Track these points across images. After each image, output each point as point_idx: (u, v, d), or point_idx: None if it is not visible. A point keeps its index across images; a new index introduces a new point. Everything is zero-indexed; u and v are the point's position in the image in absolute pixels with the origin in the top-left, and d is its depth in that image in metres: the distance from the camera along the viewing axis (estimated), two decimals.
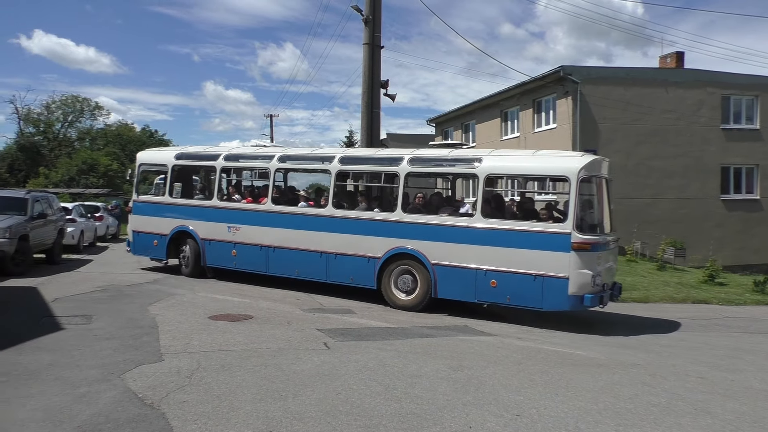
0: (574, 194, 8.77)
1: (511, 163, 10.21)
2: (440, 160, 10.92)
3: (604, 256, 9.19)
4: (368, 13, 16.10)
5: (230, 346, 6.69)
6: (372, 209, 10.88)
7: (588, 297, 8.61)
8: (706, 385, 5.90)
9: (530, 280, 8.94)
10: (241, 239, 11.96)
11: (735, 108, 24.28)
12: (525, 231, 9.18)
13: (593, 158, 9.44)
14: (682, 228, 22.71)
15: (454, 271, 9.66)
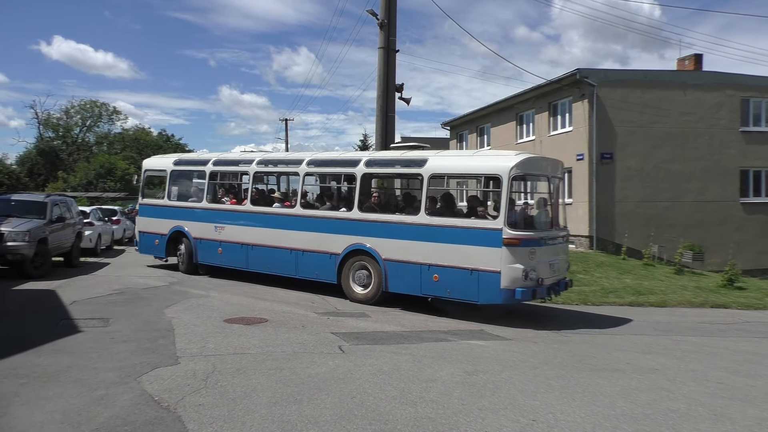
0: (505, 192, 9.18)
1: (452, 163, 10.77)
2: (392, 162, 11.40)
3: (542, 251, 9.49)
4: (383, 17, 16.14)
5: (245, 349, 6.71)
6: (338, 209, 11.44)
7: (519, 291, 9.00)
8: (725, 391, 5.81)
9: (467, 275, 9.38)
10: (226, 238, 12.93)
11: (755, 110, 23.97)
12: (462, 227, 9.65)
13: (527, 157, 9.77)
14: (700, 232, 22.44)
15: (402, 267, 10.22)
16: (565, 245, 10.78)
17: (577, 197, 22.46)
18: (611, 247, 21.41)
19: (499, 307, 10.14)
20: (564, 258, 10.61)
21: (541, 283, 9.33)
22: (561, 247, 10.47)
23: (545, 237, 9.77)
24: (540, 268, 9.34)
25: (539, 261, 9.35)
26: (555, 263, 9.97)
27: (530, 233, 9.52)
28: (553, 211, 10.50)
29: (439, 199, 10.45)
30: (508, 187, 9.21)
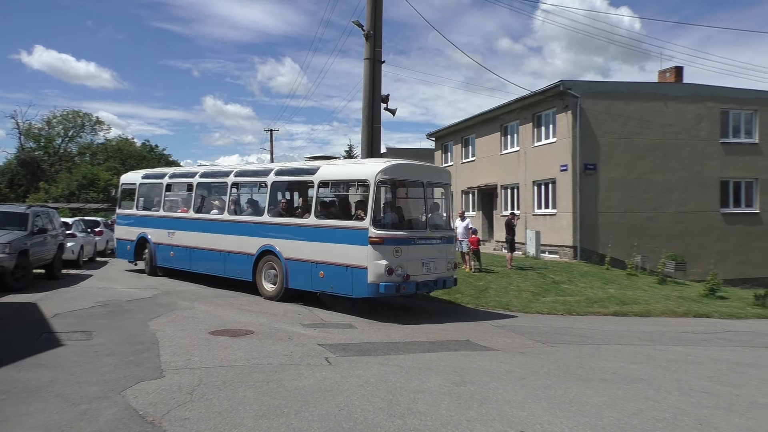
0: (372, 195, 10.13)
1: (337, 171, 11.72)
2: (295, 172, 12.64)
3: (412, 250, 10.40)
4: (369, 28, 16.21)
5: (231, 362, 6.65)
6: (262, 214, 12.50)
7: (383, 285, 9.95)
8: (710, 400, 5.86)
9: (343, 271, 10.42)
10: (176, 242, 14.54)
11: (734, 122, 24.40)
12: (340, 228, 10.70)
13: (395, 163, 10.82)
14: (682, 242, 22.72)
15: (298, 265, 11.33)
16: (447, 246, 11.48)
17: (561, 208, 22.64)
18: (595, 257, 21.58)
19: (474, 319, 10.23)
20: (444, 257, 11.31)
21: (407, 279, 10.20)
22: (439, 247, 11.17)
23: (415, 237, 10.63)
24: (408, 266, 10.27)
25: (407, 259, 10.28)
26: (430, 262, 10.83)
27: (395, 233, 10.35)
28: (428, 213, 11.25)
29: (328, 202, 11.58)
30: (375, 190, 10.16)
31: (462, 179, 31.33)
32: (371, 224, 10.08)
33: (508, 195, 27.03)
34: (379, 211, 10.51)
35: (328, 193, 11.70)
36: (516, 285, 14.82)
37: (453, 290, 13.89)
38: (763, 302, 14.34)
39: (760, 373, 7.36)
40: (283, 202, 12.65)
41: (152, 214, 15.64)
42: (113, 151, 64.66)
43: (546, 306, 12.79)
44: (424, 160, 39.53)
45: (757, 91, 24.63)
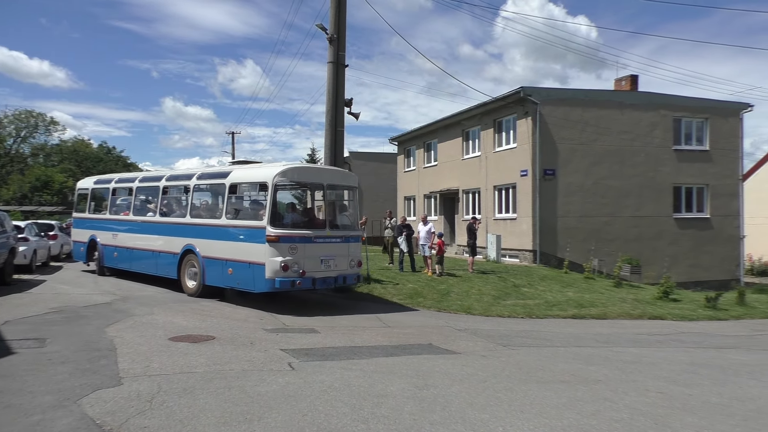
0: (270, 196, 10.93)
1: (243, 174, 12.31)
2: (212, 176, 13.27)
3: (309, 248, 11.17)
4: (333, 31, 16.19)
5: (192, 368, 6.54)
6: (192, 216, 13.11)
7: (278, 281, 10.71)
8: (665, 400, 6.04)
9: (247, 267, 11.17)
10: (119, 243, 15.41)
11: (686, 130, 25.23)
12: (244, 227, 11.48)
13: (292, 167, 11.66)
14: (637, 246, 23.36)
15: (212, 262, 12.08)
16: (349, 245, 12.16)
17: (521, 212, 23.00)
18: (554, 261, 21.99)
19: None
20: (346, 255, 12.04)
21: (303, 275, 10.95)
22: (340, 245, 11.90)
23: (313, 236, 11.36)
24: (305, 262, 11.02)
25: (304, 256, 11.04)
26: (329, 259, 11.59)
27: (291, 231, 11.09)
28: (328, 213, 12.15)
29: (237, 204, 12.32)
30: (272, 192, 10.94)
31: (424, 184, 31.55)
32: (268, 223, 10.84)
33: (469, 199, 27.32)
34: (277, 210, 11.34)
35: (237, 195, 12.45)
36: (477, 289, 14.98)
37: (415, 294, 14.00)
38: (714, 304, 14.84)
39: (711, 373, 7.61)
40: (202, 205, 13.50)
41: (100, 217, 16.64)
42: (68, 152, 62.90)
43: (507, 309, 12.97)
44: (387, 164, 39.92)
45: (708, 100, 25.53)
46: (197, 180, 13.22)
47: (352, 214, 12.91)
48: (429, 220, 18.83)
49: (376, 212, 36.29)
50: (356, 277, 12.43)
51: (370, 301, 13.50)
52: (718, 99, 25.97)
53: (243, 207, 12.35)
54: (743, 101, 26.33)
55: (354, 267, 12.26)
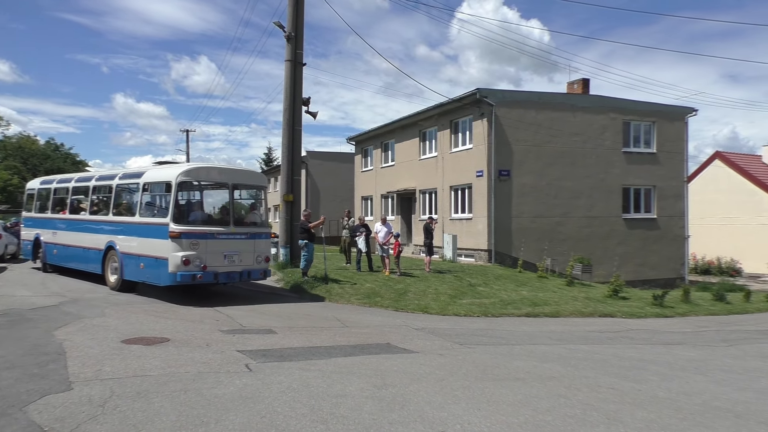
0: (173, 194, 11.67)
1: (154, 174, 12.93)
2: (131, 176, 13.87)
3: (211, 243, 11.87)
4: (290, 29, 16.07)
5: (146, 371, 6.39)
6: (125, 215, 13.52)
7: (180, 274, 11.40)
8: (616, 396, 6.22)
9: (154, 262, 11.83)
10: (57, 241, 15.89)
11: (634, 132, 26.05)
12: (153, 224, 12.10)
13: (195, 167, 12.55)
14: (588, 245, 23.98)
15: (129, 258, 12.71)
16: (255, 241, 12.82)
17: (476, 212, 23.31)
18: (509, 260, 22.37)
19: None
20: (252, 251, 12.71)
21: (205, 269, 11.67)
22: (245, 242, 12.58)
23: (215, 232, 12.05)
24: (207, 257, 11.75)
25: (206, 251, 11.74)
26: (233, 255, 12.27)
27: (193, 228, 11.80)
28: (233, 211, 12.77)
29: (149, 202, 12.88)
30: (175, 191, 11.70)
31: (382, 183, 31.63)
32: (171, 220, 11.54)
33: (426, 200, 27.53)
34: (180, 208, 12.10)
35: (149, 194, 13.02)
36: (434, 288, 15.12)
37: (372, 294, 14.03)
38: (661, 302, 15.38)
39: (659, 369, 7.89)
40: (123, 204, 13.99)
41: (43, 216, 17.14)
42: (13, 149, 60.47)
43: (463, 308, 13.13)
44: (344, 164, 39.84)
45: (655, 104, 26.43)
46: (119, 180, 13.94)
47: (261, 213, 13.64)
48: (388, 221, 18.90)
49: (334, 212, 36.22)
50: (263, 272, 13.01)
51: (328, 301, 13.47)
52: (665, 103, 26.93)
53: (153, 205, 12.91)
54: (688, 106, 27.41)
55: (261, 262, 12.92)
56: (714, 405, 6.07)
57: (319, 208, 37.57)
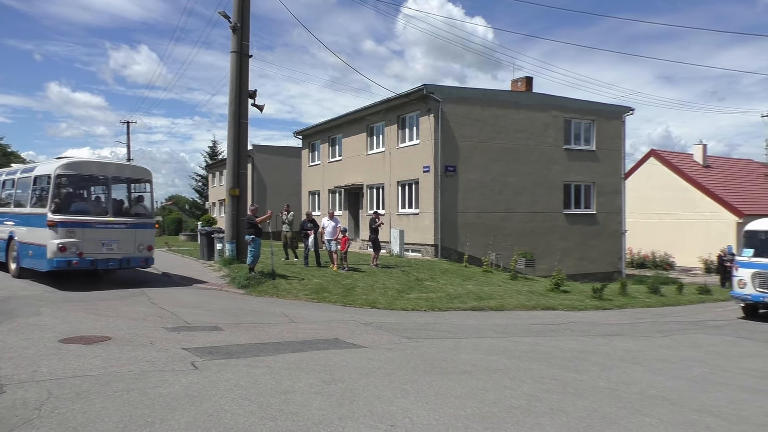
0: (52, 186, 12.69)
1: (41, 168, 14.02)
2: (27, 170, 14.82)
3: (88, 232, 12.91)
4: (236, 20, 15.76)
5: (86, 371, 6.17)
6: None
7: (56, 260, 12.42)
8: (559, 386, 6.42)
9: (38, 249, 12.85)
10: None
11: (575, 130, 26.82)
12: (36, 214, 13.14)
13: (73, 161, 13.65)
14: (531, 240, 24.58)
15: (22, 246, 13.70)
16: (135, 230, 13.83)
17: (423, 208, 23.52)
18: (455, 255, 22.68)
19: None
20: (132, 240, 13.73)
21: (81, 256, 12.70)
22: (124, 231, 13.60)
23: (92, 222, 13.08)
24: (84, 245, 12.74)
25: (83, 239, 12.74)
26: (112, 243, 13.32)
27: (69, 218, 12.71)
28: (111, 203, 13.89)
29: (38, 194, 13.67)
30: (54, 183, 12.73)
31: (329, 178, 31.49)
32: (50, 210, 12.54)
33: (374, 195, 27.59)
34: (60, 199, 12.88)
35: (37, 186, 13.79)
36: (382, 283, 15.19)
37: (320, 289, 13.98)
38: (600, 295, 15.93)
39: (599, 360, 8.18)
40: (23, 196, 14.66)
41: None
42: None
43: (410, 303, 13.25)
44: (291, 158, 39.45)
45: (595, 103, 27.28)
46: (20, 174, 14.97)
47: (147, 205, 14.66)
48: (336, 216, 18.85)
49: (281, 207, 35.80)
50: (144, 260, 14.03)
51: (276, 297, 13.34)
52: (604, 102, 27.84)
53: (40, 197, 13.66)
54: (625, 105, 28.44)
55: (143, 251, 13.93)
56: (650, 393, 6.35)
57: (266, 203, 37.09)
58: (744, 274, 14.06)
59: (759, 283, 13.70)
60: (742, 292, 14.07)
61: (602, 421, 5.22)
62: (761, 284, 13.68)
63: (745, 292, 13.97)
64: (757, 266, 13.78)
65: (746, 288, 13.95)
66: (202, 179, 65.13)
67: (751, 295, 13.83)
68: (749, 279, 13.86)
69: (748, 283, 13.86)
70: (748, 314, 14.39)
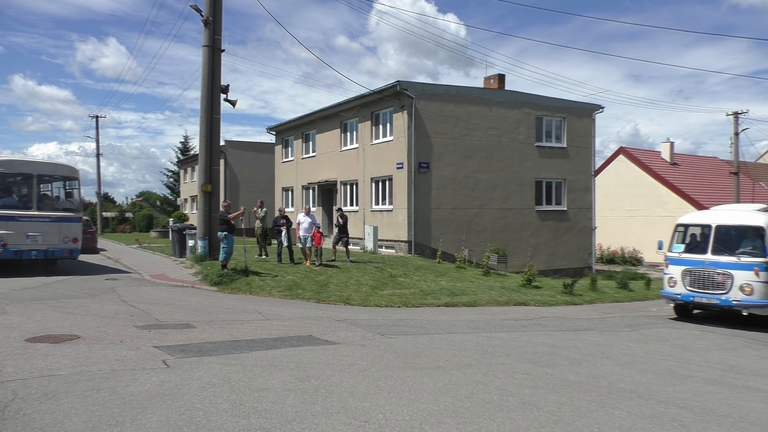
0: None
1: None
2: None
3: (12, 225, 14.23)
4: (208, 14, 15.57)
5: (54, 371, 6.05)
6: None
7: None
8: (530, 381, 6.51)
9: None
10: None
11: (546, 128, 27.13)
12: None
13: (1, 160, 15.05)
14: (503, 236, 24.83)
15: None
16: (60, 224, 15.15)
17: (397, 204, 23.56)
18: (428, 251, 22.79)
19: None
20: (57, 233, 15.05)
21: (5, 246, 14.14)
22: (49, 224, 14.94)
23: (17, 215, 14.40)
24: (7, 237, 14.09)
25: (7, 232, 14.09)
26: (36, 235, 14.63)
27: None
28: (36, 197, 15.18)
29: None
30: None
31: (303, 175, 31.34)
32: None
33: (347, 191, 27.54)
34: None
35: None
36: (356, 279, 15.19)
37: (294, 286, 13.93)
38: (570, 290, 16.18)
39: (569, 354, 8.32)
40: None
41: None
42: None
43: (384, 299, 13.29)
44: (264, 154, 39.17)
45: (565, 101, 27.63)
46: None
47: (75, 200, 15.97)
48: (312, 212, 18.78)
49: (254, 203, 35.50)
50: (68, 251, 15.31)
51: (249, 294, 13.25)
52: (574, 100, 28.20)
53: None
54: (595, 103, 28.86)
55: (68, 243, 15.25)
56: (619, 387, 6.48)
57: (239, 199, 36.75)
58: (674, 271, 13.09)
59: (690, 282, 12.71)
60: (672, 291, 13.08)
61: (572, 414, 5.31)
62: (692, 283, 12.67)
63: (675, 291, 12.99)
64: (688, 263, 12.83)
65: (676, 287, 12.98)
66: (173, 175, 64.30)
67: (681, 295, 12.86)
68: (679, 277, 12.90)
69: (679, 282, 12.91)
70: (681, 314, 13.67)
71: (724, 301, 12.12)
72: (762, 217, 12.49)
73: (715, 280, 12.30)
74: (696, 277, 12.61)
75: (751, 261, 11.97)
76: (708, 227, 13.02)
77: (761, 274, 11.84)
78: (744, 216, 12.98)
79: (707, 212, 14.24)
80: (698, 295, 12.57)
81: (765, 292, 11.85)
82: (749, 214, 13.03)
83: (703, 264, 12.54)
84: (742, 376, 7.61)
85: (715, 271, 12.30)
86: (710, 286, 12.39)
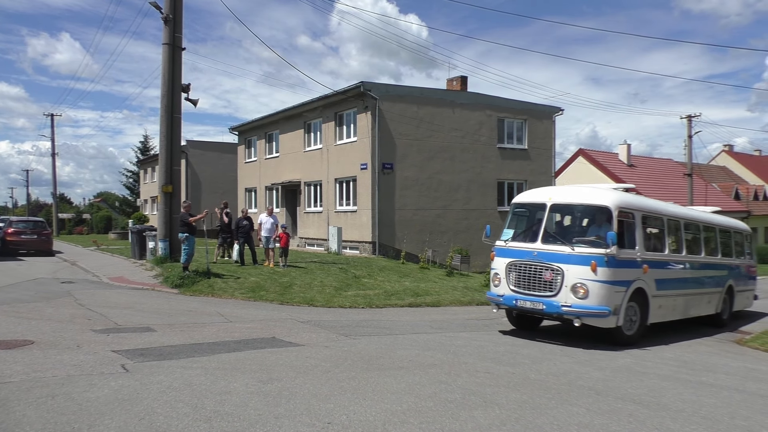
0: None
1: None
2: None
3: None
4: (168, 11, 15.31)
5: (5, 377, 5.85)
6: None
7: None
8: (492, 379, 6.60)
9: None
10: None
11: (508, 129, 27.53)
12: None
13: None
14: (466, 237, 25.07)
15: None
16: None
17: (361, 205, 23.58)
18: (392, 252, 22.86)
19: None
20: None
21: None
22: None
23: None
24: None
25: None
26: None
27: None
28: None
29: None
30: None
31: (266, 175, 31.08)
32: None
33: (311, 192, 27.42)
34: None
35: None
36: (320, 280, 15.14)
37: (257, 287, 13.80)
38: None
39: (530, 353, 8.45)
40: None
41: None
42: None
43: (348, 300, 13.27)
44: (227, 154, 38.74)
45: (526, 103, 28.07)
46: None
47: None
48: (275, 213, 18.65)
49: (216, 204, 35.05)
50: None
51: (211, 296, 13.07)
52: (535, 102, 28.68)
53: None
54: (556, 105, 29.41)
55: None
56: (578, 384, 6.62)
57: (201, 200, 36.22)
58: (499, 265, 9.97)
59: (515, 279, 9.61)
60: (496, 292, 10.01)
61: (533, 412, 5.40)
62: (517, 281, 9.58)
63: (499, 292, 9.91)
64: (513, 254, 9.75)
65: (501, 286, 9.87)
66: (133, 175, 62.99)
67: (504, 297, 9.76)
68: (504, 272, 9.80)
69: (503, 279, 9.83)
70: (520, 325, 10.73)
71: (550, 305, 9.07)
72: (610, 196, 9.59)
73: (542, 277, 9.22)
74: (521, 273, 9.53)
75: (588, 252, 8.90)
76: (542, 207, 9.90)
77: (600, 270, 8.78)
78: (587, 193, 9.98)
79: (545, 189, 11.22)
80: (522, 297, 9.47)
81: (604, 295, 8.84)
82: (594, 191, 10.02)
83: (530, 255, 9.42)
84: (695, 372, 7.85)
85: (542, 264, 9.22)
86: (536, 286, 9.29)
